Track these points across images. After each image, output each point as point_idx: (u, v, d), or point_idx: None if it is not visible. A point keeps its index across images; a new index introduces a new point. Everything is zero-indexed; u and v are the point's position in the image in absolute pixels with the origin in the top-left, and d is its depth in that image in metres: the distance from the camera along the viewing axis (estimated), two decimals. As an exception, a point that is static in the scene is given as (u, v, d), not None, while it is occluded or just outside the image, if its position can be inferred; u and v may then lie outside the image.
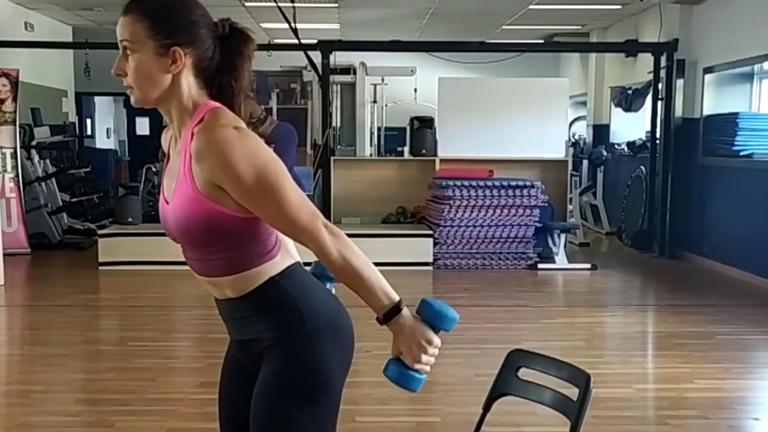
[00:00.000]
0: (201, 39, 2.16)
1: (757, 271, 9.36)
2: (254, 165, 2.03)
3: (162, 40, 2.11)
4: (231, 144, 2.02)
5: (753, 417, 5.17)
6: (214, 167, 2.03)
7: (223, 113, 2.12)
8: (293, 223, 2.09)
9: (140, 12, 2.12)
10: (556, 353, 2.66)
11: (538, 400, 2.64)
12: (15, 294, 9.02)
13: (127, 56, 2.15)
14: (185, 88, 2.15)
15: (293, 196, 2.08)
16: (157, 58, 2.12)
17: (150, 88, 2.14)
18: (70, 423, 4.87)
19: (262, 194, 2.06)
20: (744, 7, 9.97)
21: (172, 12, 2.14)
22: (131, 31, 2.12)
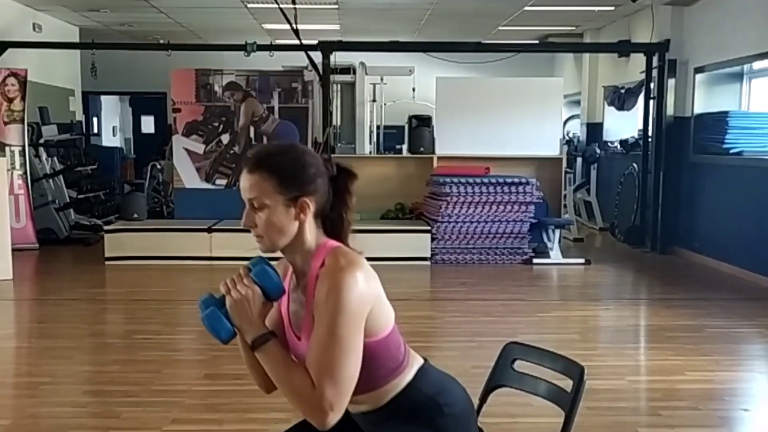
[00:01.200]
0: (320, 187, 2.28)
1: (747, 266, 9.36)
2: (342, 318, 2.12)
3: (290, 194, 2.23)
4: (346, 292, 2.13)
5: (742, 408, 5.16)
6: (320, 303, 2.16)
7: (342, 253, 2.24)
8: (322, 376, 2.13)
9: (268, 170, 2.23)
10: (551, 346, 2.66)
11: (533, 391, 2.64)
12: (23, 288, 9.02)
13: (255, 209, 2.26)
14: (307, 233, 2.28)
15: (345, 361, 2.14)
16: (286, 209, 2.24)
17: (280, 237, 2.27)
18: (77, 414, 4.86)
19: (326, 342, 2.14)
20: (734, 8, 9.96)
21: (297, 168, 2.25)
22: (259, 188, 2.23)
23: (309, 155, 2.30)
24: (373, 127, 12.70)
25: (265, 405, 4.85)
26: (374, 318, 2.21)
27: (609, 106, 13.78)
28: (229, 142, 11.34)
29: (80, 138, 14.11)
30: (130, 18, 14.28)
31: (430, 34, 15.69)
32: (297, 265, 2.32)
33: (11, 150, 11.13)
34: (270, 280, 2.24)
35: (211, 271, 9.82)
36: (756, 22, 9.39)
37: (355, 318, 2.14)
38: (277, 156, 2.28)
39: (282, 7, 10.27)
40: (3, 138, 11.13)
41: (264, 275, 2.24)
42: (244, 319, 2.22)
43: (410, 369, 2.33)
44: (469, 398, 2.46)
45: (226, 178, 11.33)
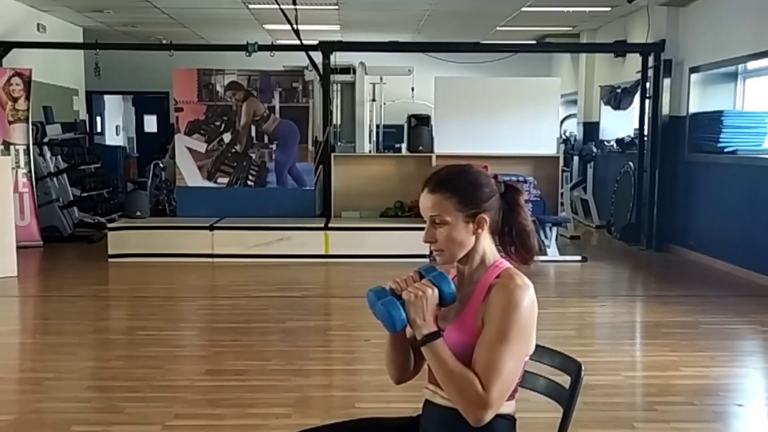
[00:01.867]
0: (494, 204, 2.44)
1: (741, 263, 9.36)
2: (514, 325, 2.29)
3: (469, 211, 2.40)
4: (520, 304, 2.32)
5: (737, 403, 5.16)
6: (495, 310, 2.31)
7: (516, 274, 2.41)
8: (490, 374, 2.26)
9: (449, 191, 2.41)
10: (548, 342, 2.65)
11: (531, 387, 2.63)
12: (28, 285, 9.01)
13: (436, 226, 2.42)
14: (486, 245, 2.46)
15: (510, 364, 2.28)
16: (465, 225, 2.41)
17: (459, 251, 2.43)
18: (81, 409, 4.86)
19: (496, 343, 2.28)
20: (728, 9, 9.95)
21: (475, 188, 2.42)
22: (441, 207, 2.41)
23: (484, 176, 2.46)
24: (373, 126, 12.68)
25: (267, 400, 4.87)
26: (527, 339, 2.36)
27: (605, 106, 13.77)
28: (231, 141, 11.33)
29: (84, 137, 14.11)
30: (132, 18, 14.28)
31: (429, 35, 15.70)
32: (465, 274, 2.47)
33: (16, 149, 11.13)
34: (448, 286, 2.37)
35: (212, 268, 9.83)
36: (750, 23, 9.38)
37: (524, 328, 2.32)
38: (457, 177, 2.44)
39: (283, 7, 10.27)
40: (8, 137, 11.14)
41: (443, 280, 2.38)
42: (420, 314, 2.32)
43: (510, 406, 2.41)
44: None
45: (228, 177, 11.32)
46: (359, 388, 5.19)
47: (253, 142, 11.33)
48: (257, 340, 6.49)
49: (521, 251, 2.52)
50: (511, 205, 2.48)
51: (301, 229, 10.33)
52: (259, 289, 8.67)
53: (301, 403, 4.88)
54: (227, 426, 4.50)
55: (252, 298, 8.21)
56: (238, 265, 9.76)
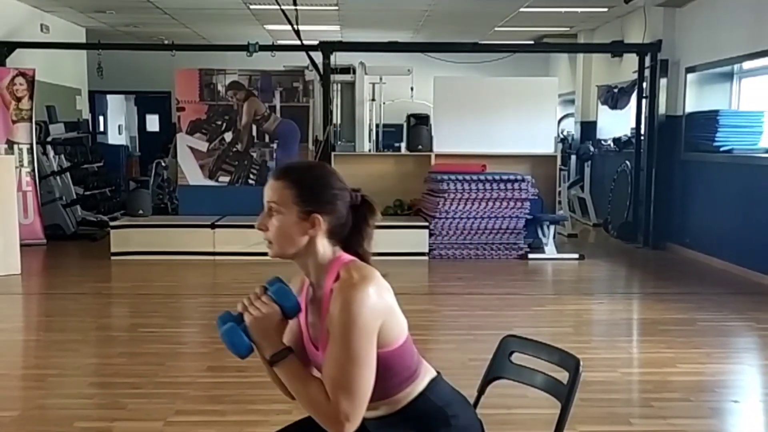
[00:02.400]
0: (338, 210, 2.31)
1: (737, 261, 9.36)
2: (354, 333, 2.15)
3: (306, 207, 2.27)
4: (357, 307, 2.16)
5: (733, 400, 5.15)
6: (335, 321, 2.18)
7: (355, 267, 2.26)
8: (337, 389, 2.17)
9: (292, 181, 2.29)
10: (546, 339, 2.65)
11: (530, 383, 2.63)
12: (31, 282, 9.01)
13: (271, 215, 2.29)
14: (320, 248, 2.30)
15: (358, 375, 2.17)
16: (299, 221, 2.27)
17: (288, 246, 2.30)
18: (84, 405, 4.86)
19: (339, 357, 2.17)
20: (724, 9, 9.95)
21: (319, 185, 2.30)
22: (280, 195, 2.28)
23: (335, 178, 2.35)
24: (373, 125, 12.68)
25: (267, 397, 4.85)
26: (387, 330, 2.24)
27: (602, 105, 13.77)
28: (232, 140, 11.33)
29: (87, 136, 14.10)
30: (135, 19, 14.27)
31: (428, 35, 15.70)
32: (311, 277, 2.36)
33: (19, 148, 11.12)
34: (287, 299, 2.27)
35: (214, 266, 9.82)
36: (745, 23, 9.38)
37: (367, 332, 2.17)
38: (304, 170, 2.36)
39: (283, 8, 10.26)
40: (11, 136, 11.12)
41: (282, 294, 2.28)
42: (263, 335, 2.26)
43: (422, 379, 2.37)
44: (477, 416, 2.50)
45: (229, 175, 11.32)
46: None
47: (254, 141, 11.33)
48: (258, 337, 6.47)
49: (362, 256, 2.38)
50: (361, 221, 2.38)
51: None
52: (260, 287, 8.65)
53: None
54: (228, 422, 4.50)
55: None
56: (239, 263, 9.75)
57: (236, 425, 4.45)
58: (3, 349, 6.33)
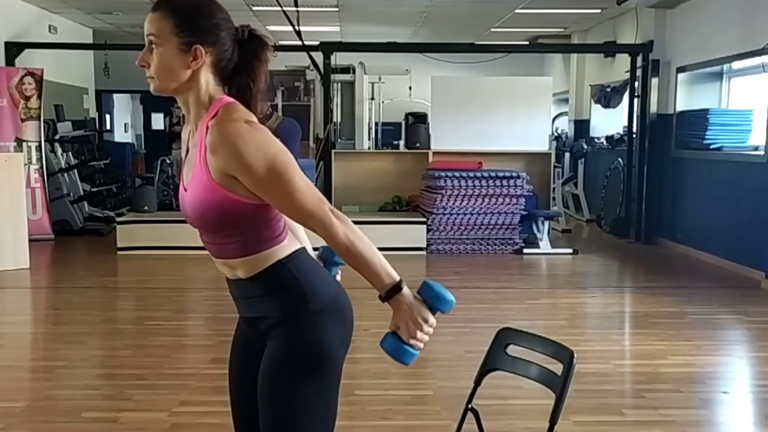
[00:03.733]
0: (221, 41, 2.17)
1: (726, 256, 9.36)
2: (265, 156, 2.03)
3: (185, 38, 2.11)
4: (243, 137, 2.02)
5: (722, 390, 5.15)
6: (227, 159, 2.03)
7: (236, 108, 2.12)
8: (302, 209, 2.07)
9: (168, 10, 2.13)
10: (541, 332, 2.64)
11: (525, 375, 2.62)
12: (39, 277, 9.00)
13: (152, 49, 2.14)
14: (203, 83, 2.15)
15: (301, 184, 2.07)
16: (179, 53, 2.12)
17: (170, 80, 2.14)
18: (91, 396, 4.86)
19: (273, 182, 2.05)
20: (714, 11, 9.94)
21: (198, 13, 2.14)
22: (158, 26, 2.12)
23: (216, 6, 2.19)
24: (372, 123, 12.67)
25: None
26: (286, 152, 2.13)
27: (595, 104, 13.77)
28: (235, 138, 11.29)
29: (94, 134, 14.05)
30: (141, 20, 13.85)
31: (425, 36, 15.67)
32: (191, 115, 2.20)
33: (28, 145, 11.11)
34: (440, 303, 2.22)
35: (218, 260, 9.81)
36: (735, 24, 9.37)
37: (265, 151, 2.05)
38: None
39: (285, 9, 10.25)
40: (20, 134, 11.11)
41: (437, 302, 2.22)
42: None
43: (287, 246, 2.21)
44: (348, 302, 2.32)
45: (232, 172, 11.29)
46: (359, 376, 5.18)
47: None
48: (260, 330, 6.47)
49: (239, 98, 2.19)
50: (251, 56, 2.23)
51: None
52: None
53: (302, 391, 4.87)
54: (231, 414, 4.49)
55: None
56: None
57: (239, 415, 4.44)
58: (12, 342, 6.32)
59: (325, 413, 2.24)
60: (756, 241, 8.65)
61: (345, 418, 3.87)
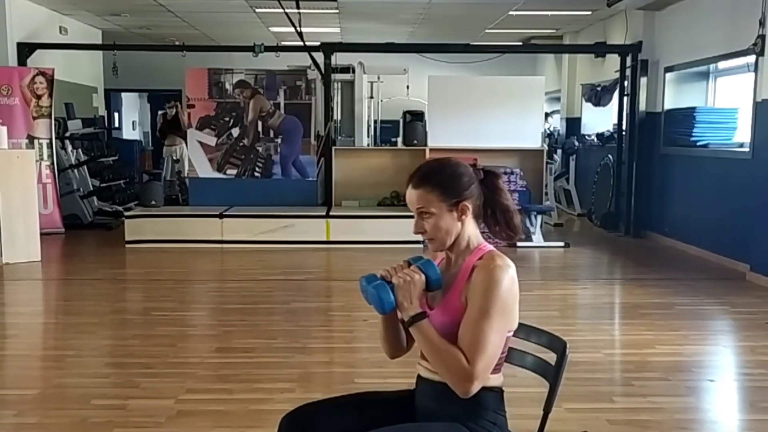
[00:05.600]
0: (474, 191, 2.43)
1: (712, 249, 9.35)
2: (495, 302, 2.28)
3: (451, 201, 2.39)
4: (500, 283, 2.31)
5: (708, 379, 5.14)
6: (477, 289, 2.30)
7: (498, 255, 2.40)
8: (473, 347, 2.25)
9: (431, 184, 2.39)
10: (534, 322, 2.63)
11: (520, 364, 2.62)
12: (50, 269, 8.99)
13: (423, 217, 2.41)
14: (469, 230, 2.45)
15: (494, 337, 2.28)
16: (449, 214, 2.40)
17: (447, 238, 2.42)
18: (100, 384, 4.85)
19: (479, 319, 2.27)
20: (701, 13, 9.92)
21: (455, 179, 2.41)
22: (426, 200, 2.39)
23: (462, 167, 2.44)
24: (371, 121, 12.66)
25: (272, 376, 4.86)
26: (511, 315, 2.36)
27: (586, 103, 13.77)
28: (239, 135, 11.30)
29: (103, 131, 14.06)
30: (148, 22, 14.22)
31: (422, 37, 15.65)
32: (452, 258, 2.46)
33: (39, 142, 11.09)
34: (435, 272, 2.38)
35: (222, 253, 9.80)
36: (721, 26, 9.35)
37: (505, 306, 2.30)
38: (438, 171, 2.42)
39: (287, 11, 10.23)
40: (32, 132, 11.10)
41: (430, 267, 2.39)
42: (407, 297, 2.33)
43: (497, 379, 2.40)
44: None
45: (236, 169, 11.30)
46: (358, 365, 5.18)
47: (260, 136, 11.30)
48: (263, 320, 6.47)
49: (506, 230, 2.52)
50: (492, 189, 2.47)
51: (304, 217, 10.30)
52: (265, 273, 8.65)
53: (304, 379, 4.87)
54: (236, 400, 4.49)
55: (258, 281, 8.19)
56: (246, 251, 9.74)
57: (243, 402, 4.43)
58: (24, 332, 6.31)
59: None
60: (741, 235, 8.64)
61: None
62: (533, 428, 2.51)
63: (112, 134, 16.76)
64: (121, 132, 18.83)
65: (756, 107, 8.45)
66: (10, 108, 10.92)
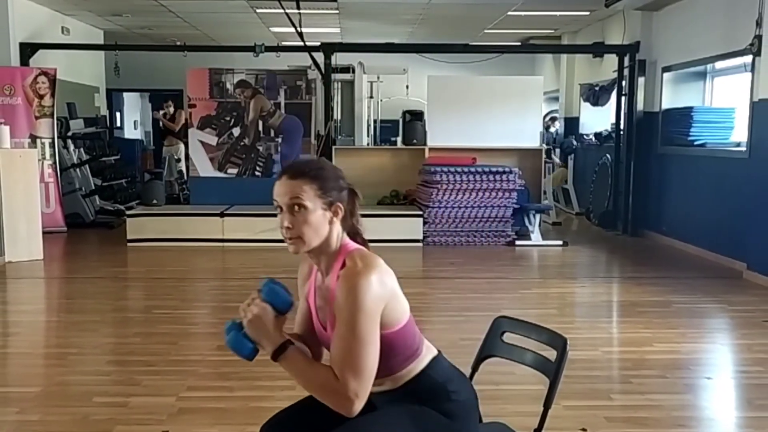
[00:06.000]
0: (345, 198, 2.35)
1: (710, 247, 9.35)
2: (360, 316, 2.15)
3: (327, 198, 2.28)
4: (362, 293, 2.15)
5: (706, 376, 5.14)
6: (341, 304, 2.18)
7: (360, 255, 2.27)
8: (345, 368, 2.16)
9: (310, 177, 2.27)
10: (532, 320, 2.63)
11: (520, 361, 2.62)
12: (53, 267, 8.98)
13: (293, 212, 2.26)
14: (334, 235, 2.32)
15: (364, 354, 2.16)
16: (323, 212, 2.27)
17: (315, 238, 2.28)
18: (102, 381, 4.85)
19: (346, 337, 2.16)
20: (698, 13, 9.91)
21: (332, 178, 2.32)
22: (303, 192, 2.25)
23: (339, 171, 2.38)
24: (371, 121, 12.66)
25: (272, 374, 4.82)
26: (390, 312, 2.24)
27: (584, 102, 13.75)
28: (240, 134, 11.30)
29: (104, 131, 14.05)
30: (149, 22, 14.21)
31: (422, 37, 15.64)
32: (321, 265, 2.36)
33: (42, 142, 11.09)
34: (277, 297, 2.25)
35: (223, 252, 9.80)
36: (718, 26, 9.34)
37: (371, 315, 2.17)
38: (317, 166, 2.34)
39: (288, 12, 10.22)
40: (34, 131, 11.09)
41: (272, 294, 2.26)
42: (261, 335, 2.23)
43: (424, 357, 2.38)
44: (474, 390, 2.49)
45: (237, 168, 11.31)
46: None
47: (260, 135, 11.30)
48: (264, 318, 6.45)
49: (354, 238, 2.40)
50: (353, 207, 2.40)
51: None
52: (266, 272, 8.61)
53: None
54: (236, 397, 4.48)
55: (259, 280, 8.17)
56: (247, 249, 9.74)
57: (243, 400, 4.43)
58: (26, 329, 6.31)
59: None
60: (738, 233, 8.64)
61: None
62: (532, 425, 2.51)
63: (114, 134, 16.75)
64: (122, 131, 18.81)
65: (753, 107, 8.45)
66: (12, 108, 10.92)
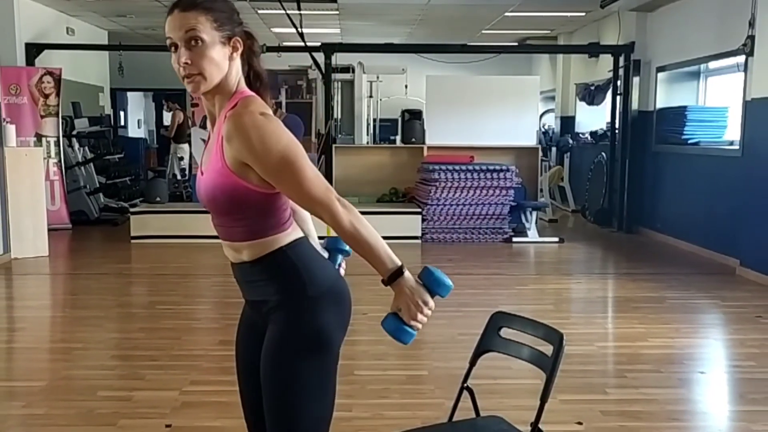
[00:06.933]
0: (242, 33, 2.16)
1: (703, 244, 9.35)
2: (276, 146, 2.00)
3: (225, 31, 2.09)
4: (257, 128, 2.00)
5: (699, 371, 5.14)
6: (241, 147, 2.00)
7: (253, 101, 2.10)
8: (310, 196, 2.05)
9: (205, 8, 2.06)
10: (529, 315, 2.62)
11: (517, 356, 2.61)
12: (58, 264, 8.98)
13: (190, 46, 2.06)
14: (233, 73, 2.13)
15: (310, 173, 2.05)
16: (221, 47, 2.08)
17: (217, 73, 2.09)
18: (106, 376, 4.84)
19: (283, 171, 2.02)
20: (692, 14, 9.91)
21: (230, 11, 2.13)
22: (199, 23, 2.04)
23: (232, 4, 2.17)
24: (370, 120, 12.66)
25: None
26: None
27: (580, 102, 13.75)
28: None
29: (109, 130, 14.05)
30: (153, 22, 14.19)
31: (421, 37, 15.63)
32: (214, 110, 2.18)
33: (47, 140, 11.08)
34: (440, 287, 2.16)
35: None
36: (711, 27, 9.34)
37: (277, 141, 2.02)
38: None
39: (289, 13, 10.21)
40: (40, 130, 11.08)
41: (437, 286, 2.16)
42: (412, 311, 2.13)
43: (290, 234, 2.19)
44: (346, 288, 2.29)
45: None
46: (358, 357, 5.16)
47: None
48: (266, 314, 6.45)
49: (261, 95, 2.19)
50: (250, 49, 2.20)
51: (305, 213, 10.29)
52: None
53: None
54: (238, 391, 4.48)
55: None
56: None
57: (246, 394, 4.42)
58: (32, 325, 6.32)
59: (324, 391, 2.22)
60: (731, 230, 8.64)
61: (345, 397, 3.86)
62: (529, 419, 2.51)
63: (118, 132, 16.73)
64: (126, 130, 18.78)
65: (745, 106, 8.45)
66: (18, 107, 10.90)
